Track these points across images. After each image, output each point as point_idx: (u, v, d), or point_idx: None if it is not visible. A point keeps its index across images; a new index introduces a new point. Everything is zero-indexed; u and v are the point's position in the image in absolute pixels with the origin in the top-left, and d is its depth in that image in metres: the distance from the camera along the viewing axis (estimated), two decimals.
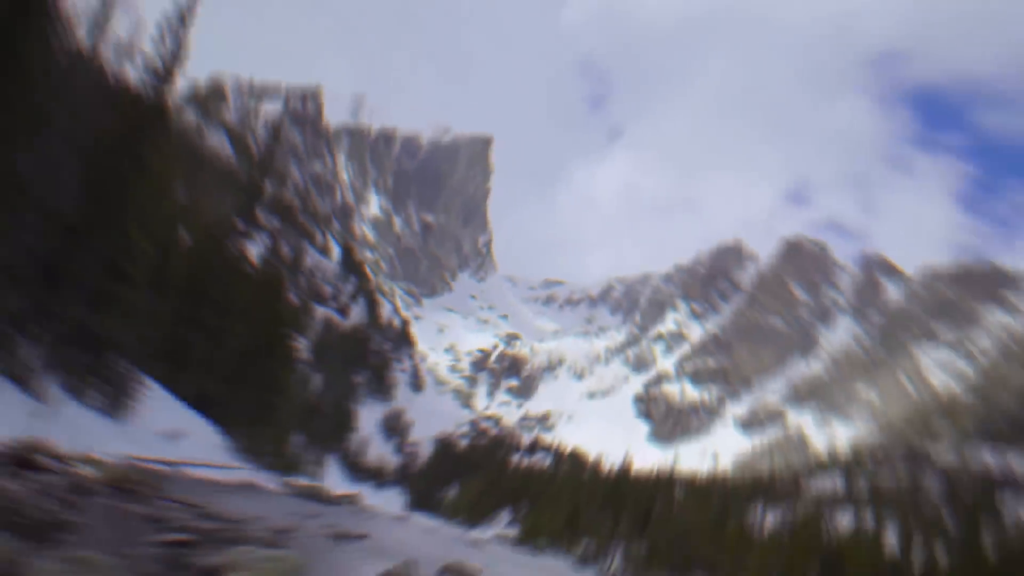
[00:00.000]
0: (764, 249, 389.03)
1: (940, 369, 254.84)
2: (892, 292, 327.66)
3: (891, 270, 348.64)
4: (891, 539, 59.13)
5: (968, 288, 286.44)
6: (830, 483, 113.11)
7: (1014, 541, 50.52)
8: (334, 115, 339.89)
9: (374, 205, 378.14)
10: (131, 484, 12.28)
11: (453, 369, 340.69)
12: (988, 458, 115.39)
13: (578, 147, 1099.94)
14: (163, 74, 21.23)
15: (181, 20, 21.26)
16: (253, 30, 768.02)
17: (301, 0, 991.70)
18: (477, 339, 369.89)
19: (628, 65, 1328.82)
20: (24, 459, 10.09)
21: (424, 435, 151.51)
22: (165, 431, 25.57)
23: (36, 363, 17.15)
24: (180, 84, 27.00)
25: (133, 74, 21.73)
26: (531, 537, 73.38)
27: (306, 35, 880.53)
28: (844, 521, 70.38)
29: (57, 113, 16.34)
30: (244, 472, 28.93)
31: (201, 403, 33.40)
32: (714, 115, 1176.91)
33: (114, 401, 21.71)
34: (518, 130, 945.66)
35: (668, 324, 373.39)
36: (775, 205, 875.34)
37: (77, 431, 16.53)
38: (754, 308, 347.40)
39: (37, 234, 16.43)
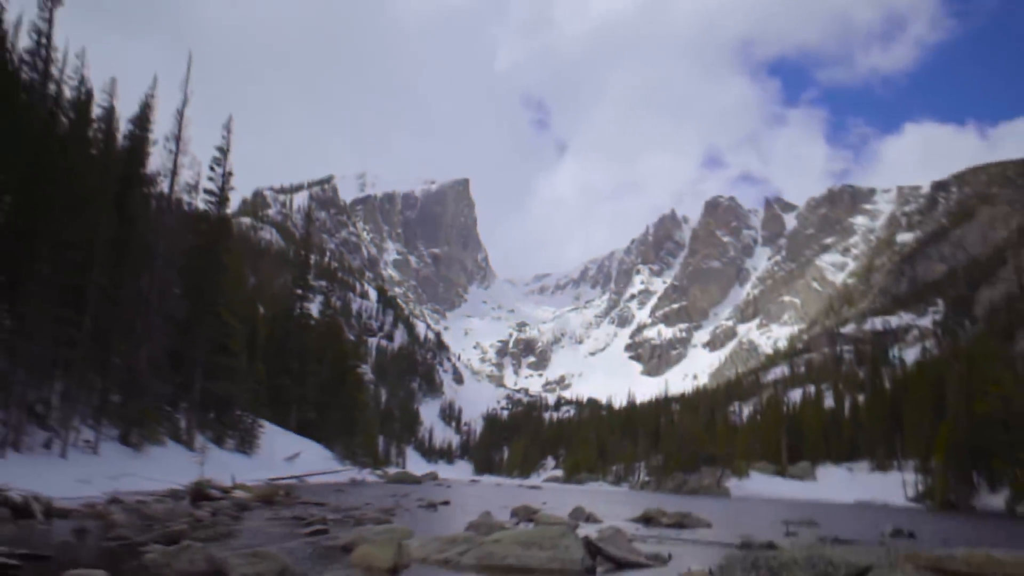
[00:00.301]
0: (693, 211, 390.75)
1: (835, 269, 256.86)
2: (789, 221, 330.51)
3: (786, 205, 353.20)
4: (828, 400, 61.32)
5: (839, 206, 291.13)
6: (780, 372, 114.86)
7: (899, 375, 55.41)
8: (347, 192, 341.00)
9: (392, 252, 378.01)
10: (274, 497, 12.91)
11: (483, 360, 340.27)
12: (878, 324, 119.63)
13: (536, 164, 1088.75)
14: (220, 196, 22.22)
15: (223, 154, 22.11)
16: (274, 141, 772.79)
17: (303, 104, 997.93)
18: (495, 333, 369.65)
19: (558, 89, 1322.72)
20: (200, 493, 10.80)
21: (473, 415, 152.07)
22: (285, 455, 26.21)
23: (188, 426, 18.14)
24: (233, 200, 28.52)
25: (200, 202, 22.87)
26: (573, 473, 73.89)
27: (312, 131, 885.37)
28: (795, 396, 71.55)
29: (157, 244, 17.32)
30: (349, 472, 29.54)
31: (304, 429, 34.13)
32: (634, 113, 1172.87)
33: (244, 442, 22.64)
34: (486, 164, 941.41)
35: (636, 285, 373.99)
36: (696, 173, 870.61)
37: (226, 468, 17.24)
38: (696, 257, 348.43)
39: (163, 333, 17.32)
